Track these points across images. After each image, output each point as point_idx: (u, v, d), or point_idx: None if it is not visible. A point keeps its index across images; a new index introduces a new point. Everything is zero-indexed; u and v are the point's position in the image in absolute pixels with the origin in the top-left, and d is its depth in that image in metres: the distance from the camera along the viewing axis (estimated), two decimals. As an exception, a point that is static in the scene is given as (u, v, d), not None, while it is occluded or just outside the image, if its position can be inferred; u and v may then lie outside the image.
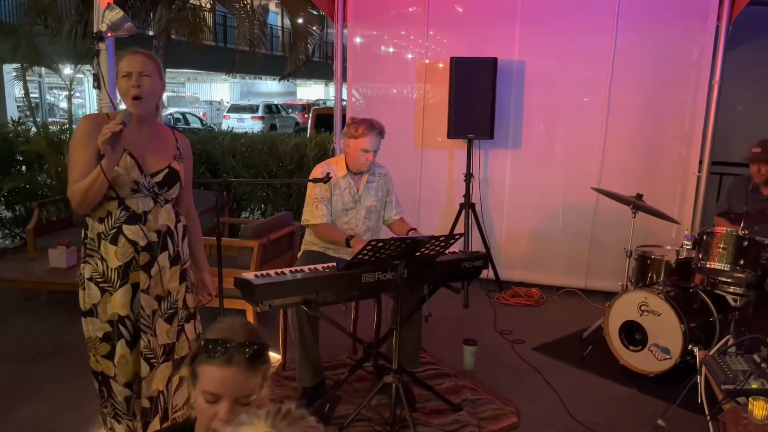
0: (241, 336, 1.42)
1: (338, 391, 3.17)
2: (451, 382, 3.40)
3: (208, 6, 9.60)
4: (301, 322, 3.06)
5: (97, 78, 2.77)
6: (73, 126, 7.17)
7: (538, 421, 3.08)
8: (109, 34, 2.79)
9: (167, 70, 11.17)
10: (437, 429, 2.92)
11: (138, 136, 2.26)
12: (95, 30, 2.89)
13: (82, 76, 12.02)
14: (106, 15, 2.78)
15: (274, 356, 3.48)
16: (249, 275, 2.68)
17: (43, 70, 13.60)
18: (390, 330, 3.02)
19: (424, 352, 3.64)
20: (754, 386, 1.99)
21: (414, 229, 3.39)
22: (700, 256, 3.40)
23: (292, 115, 23.92)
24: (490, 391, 3.33)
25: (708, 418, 2.12)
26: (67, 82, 9.34)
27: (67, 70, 10.21)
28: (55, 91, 23.53)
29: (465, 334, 3.83)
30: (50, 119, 18.48)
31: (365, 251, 2.67)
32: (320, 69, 22.99)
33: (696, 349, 3.24)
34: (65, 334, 3.99)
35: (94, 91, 3.07)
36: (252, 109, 22.80)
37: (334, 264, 2.87)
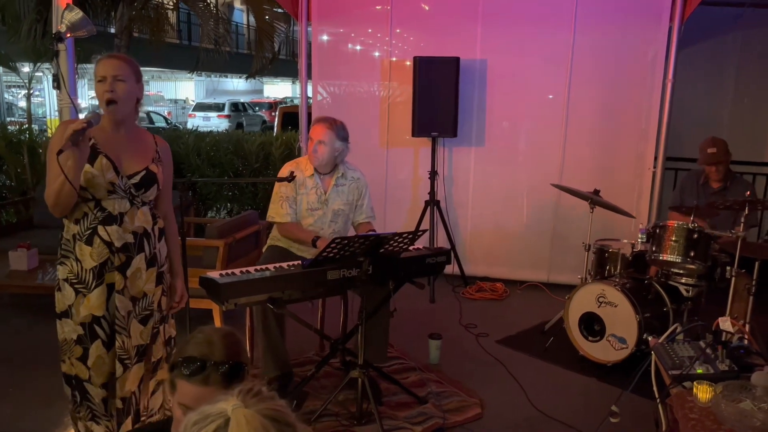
0: (220, 352, 1.42)
1: (305, 388, 3.20)
2: (417, 375, 3.46)
3: (171, 4, 9.47)
4: (266, 319, 3.08)
5: (57, 78, 2.75)
6: (33, 126, 7.04)
7: (502, 411, 3.17)
8: (69, 35, 2.77)
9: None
10: (403, 422, 2.98)
11: (116, 139, 2.27)
12: (54, 31, 2.86)
13: (41, 74, 11.76)
14: (65, 15, 2.76)
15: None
16: (214, 274, 2.69)
17: (1, 68, 13.24)
18: (356, 326, 3.07)
19: (391, 347, 3.70)
20: (699, 371, 2.10)
21: (373, 231, 3.40)
22: (654, 248, 3.53)
23: (258, 113, 23.73)
24: (455, 384, 3.41)
25: (657, 401, 2.22)
26: (26, 81, 9.14)
27: (26, 68, 9.98)
28: (13, 90, 22.93)
29: (431, 328, 3.90)
30: (9, 119, 18.02)
31: (330, 248, 2.71)
32: (287, 67, 22.78)
33: (650, 338, 3.37)
34: (27, 337, 3.94)
35: (54, 91, 3.05)
36: (218, 107, 22.56)
37: (300, 262, 2.90)
